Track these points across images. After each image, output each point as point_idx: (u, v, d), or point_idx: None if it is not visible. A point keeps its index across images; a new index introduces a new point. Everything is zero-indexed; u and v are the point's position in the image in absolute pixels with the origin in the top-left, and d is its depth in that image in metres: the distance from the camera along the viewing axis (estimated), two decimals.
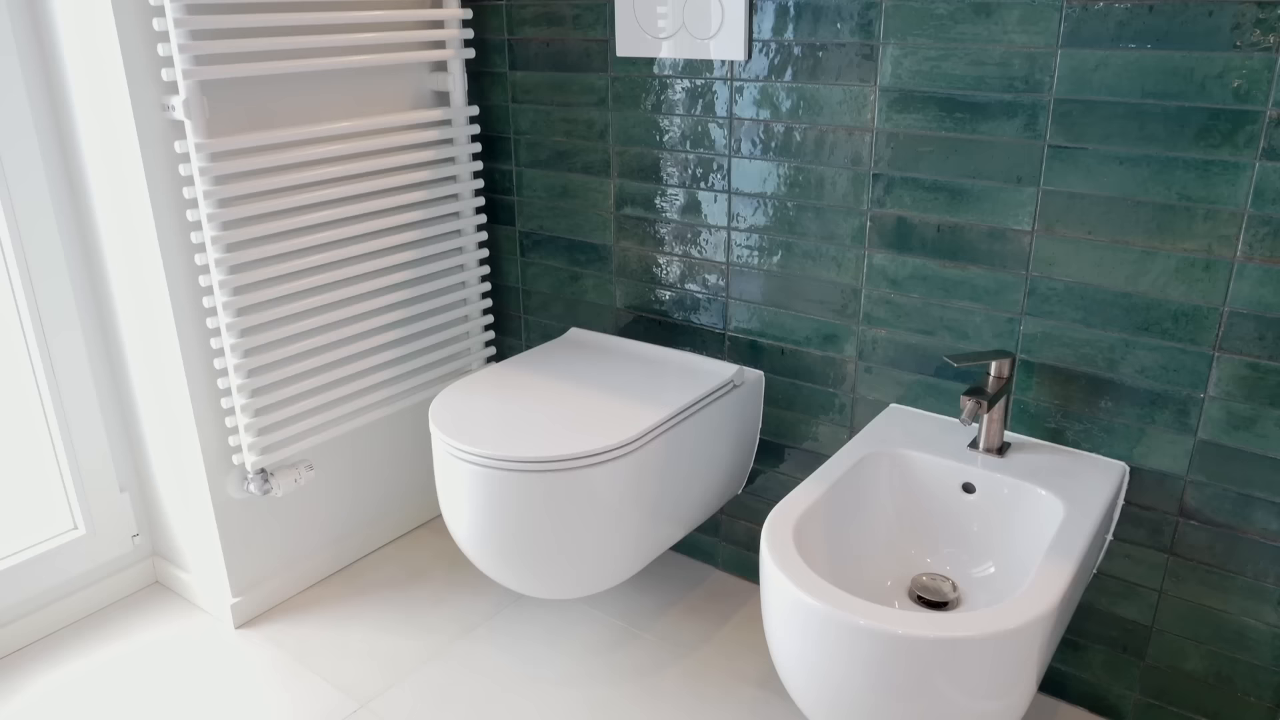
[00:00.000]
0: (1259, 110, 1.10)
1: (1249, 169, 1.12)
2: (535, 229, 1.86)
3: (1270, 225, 1.13)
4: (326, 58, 1.54)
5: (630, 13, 1.57)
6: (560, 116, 1.74)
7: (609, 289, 1.79)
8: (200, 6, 1.40)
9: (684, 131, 1.59)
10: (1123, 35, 1.16)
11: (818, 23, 1.40)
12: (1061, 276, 1.30)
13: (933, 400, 1.47)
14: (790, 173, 1.49)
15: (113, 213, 1.52)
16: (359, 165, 1.63)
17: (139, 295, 1.55)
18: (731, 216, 1.58)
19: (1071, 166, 1.24)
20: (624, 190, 1.70)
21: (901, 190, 1.39)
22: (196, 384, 1.56)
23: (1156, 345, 1.25)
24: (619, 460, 1.37)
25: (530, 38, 1.73)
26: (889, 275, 1.45)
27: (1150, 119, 1.17)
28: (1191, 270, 1.20)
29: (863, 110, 1.39)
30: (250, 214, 1.48)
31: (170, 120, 1.43)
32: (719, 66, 1.51)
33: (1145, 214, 1.21)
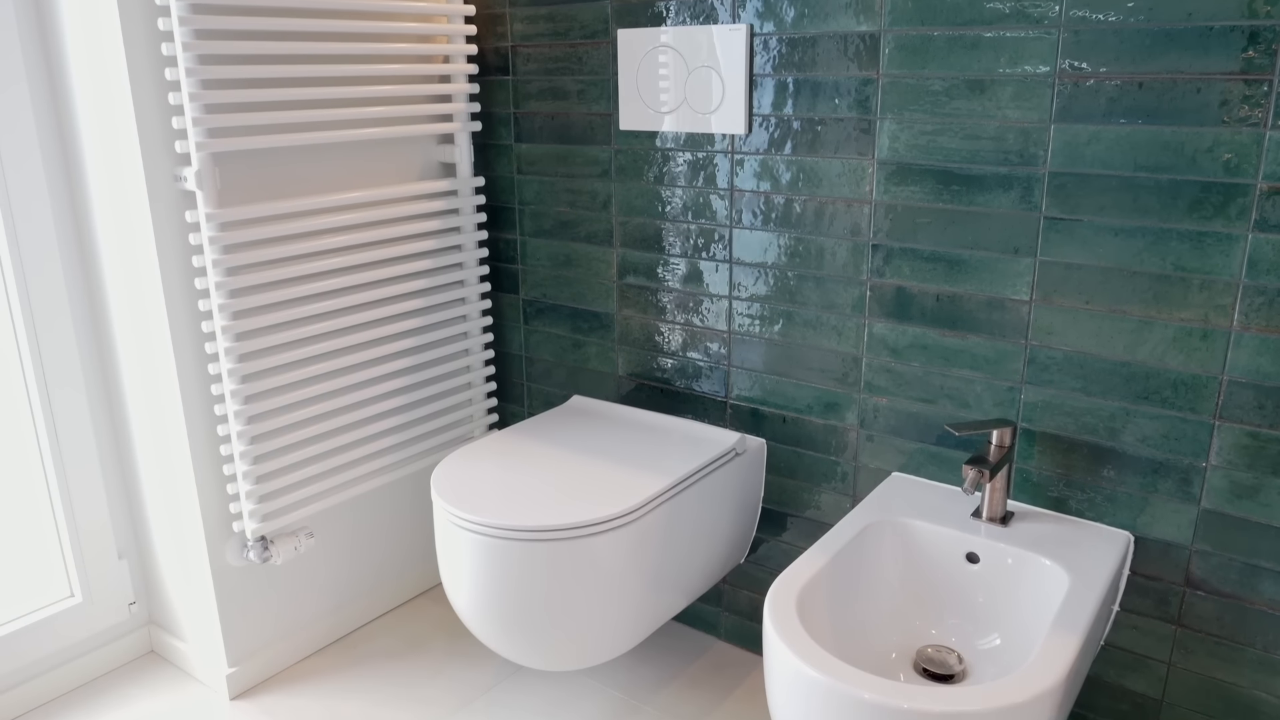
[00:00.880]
0: (1249, 183, 1.12)
1: (1242, 240, 1.14)
2: (539, 297, 1.88)
3: (1265, 295, 1.14)
4: (336, 130, 1.58)
5: (633, 88, 1.61)
6: (564, 187, 1.77)
7: (611, 357, 1.81)
8: (215, 82, 1.43)
9: (686, 202, 1.62)
10: (1114, 111, 1.19)
11: (816, 98, 1.43)
12: (1060, 346, 1.31)
13: (935, 469, 1.47)
14: (791, 243, 1.52)
15: (121, 279, 1.54)
16: (366, 235, 1.65)
17: (144, 361, 1.56)
18: (733, 286, 1.60)
19: (1067, 237, 1.26)
20: (627, 259, 1.73)
21: (900, 260, 1.41)
22: (199, 449, 1.56)
23: (1157, 414, 1.25)
24: (621, 529, 1.37)
25: (535, 111, 1.77)
26: (889, 344, 1.46)
27: (1143, 191, 1.20)
28: (1189, 340, 1.21)
29: (861, 182, 1.42)
30: (257, 282, 1.50)
31: (182, 190, 1.46)
32: (720, 140, 1.55)
33: (1141, 284, 1.22)
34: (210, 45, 1.37)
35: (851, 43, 1.38)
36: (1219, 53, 1.11)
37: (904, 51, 1.33)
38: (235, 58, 1.46)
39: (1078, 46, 1.20)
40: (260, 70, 1.44)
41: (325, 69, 1.53)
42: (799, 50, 1.43)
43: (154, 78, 1.40)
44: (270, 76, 1.46)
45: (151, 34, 1.38)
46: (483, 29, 1.79)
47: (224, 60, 1.44)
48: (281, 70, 1.47)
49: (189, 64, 1.36)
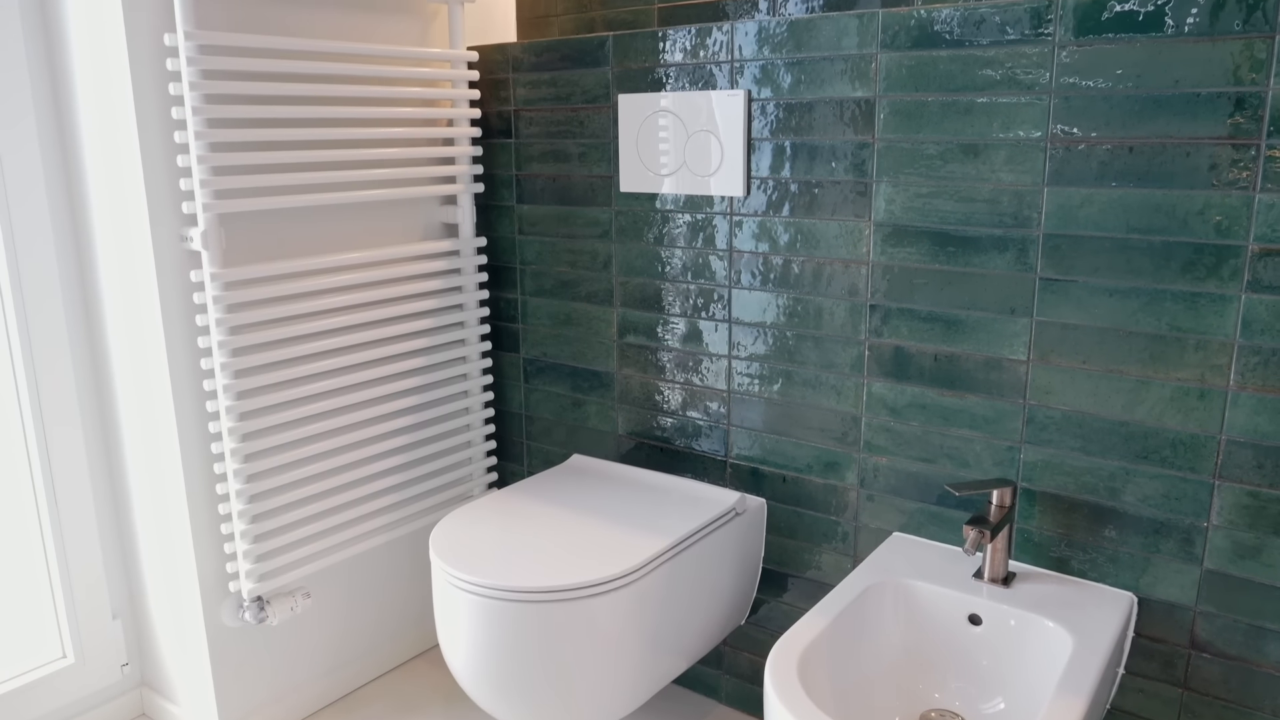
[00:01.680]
0: (1241, 245, 1.14)
1: (1235, 301, 1.15)
2: (539, 356, 1.89)
3: (1260, 355, 1.15)
4: (341, 192, 1.61)
5: (633, 151, 1.64)
6: (565, 248, 1.79)
7: (611, 415, 1.81)
8: (223, 145, 1.46)
9: (685, 263, 1.64)
10: (1106, 174, 1.21)
11: (813, 161, 1.46)
12: (1059, 405, 1.31)
13: (936, 529, 1.46)
14: (789, 303, 1.53)
15: (125, 337, 1.55)
16: (368, 294, 1.67)
17: (145, 419, 1.56)
18: (732, 345, 1.61)
19: (1063, 298, 1.28)
20: (626, 319, 1.74)
21: (898, 320, 1.42)
22: (197, 507, 1.55)
23: (1157, 473, 1.25)
24: (620, 590, 1.36)
25: (537, 173, 1.80)
26: (888, 403, 1.46)
27: (1137, 253, 1.21)
28: (1186, 399, 1.21)
29: (858, 244, 1.44)
30: (259, 341, 1.51)
31: (187, 250, 1.48)
32: (719, 202, 1.57)
33: (1138, 344, 1.23)
34: (218, 109, 1.40)
35: (847, 108, 1.41)
36: (1206, 118, 1.14)
37: (899, 116, 1.36)
38: (243, 121, 1.48)
39: (1068, 112, 1.23)
40: (267, 134, 1.47)
41: (331, 132, 1.56)
42: (796, 115, 1.46)
43: (163, 140, 1.42)
44: (277, 139, 1.49)
45: (162, 97, 1.41)
46: (486, 93, 1.83)
47: (232, 124, 1.47)
48: (288, 133, 1.50)
49: (198, 127, 1.39)
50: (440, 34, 1.80)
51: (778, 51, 1.46)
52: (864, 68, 1.38)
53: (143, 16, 1.37)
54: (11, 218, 1.50)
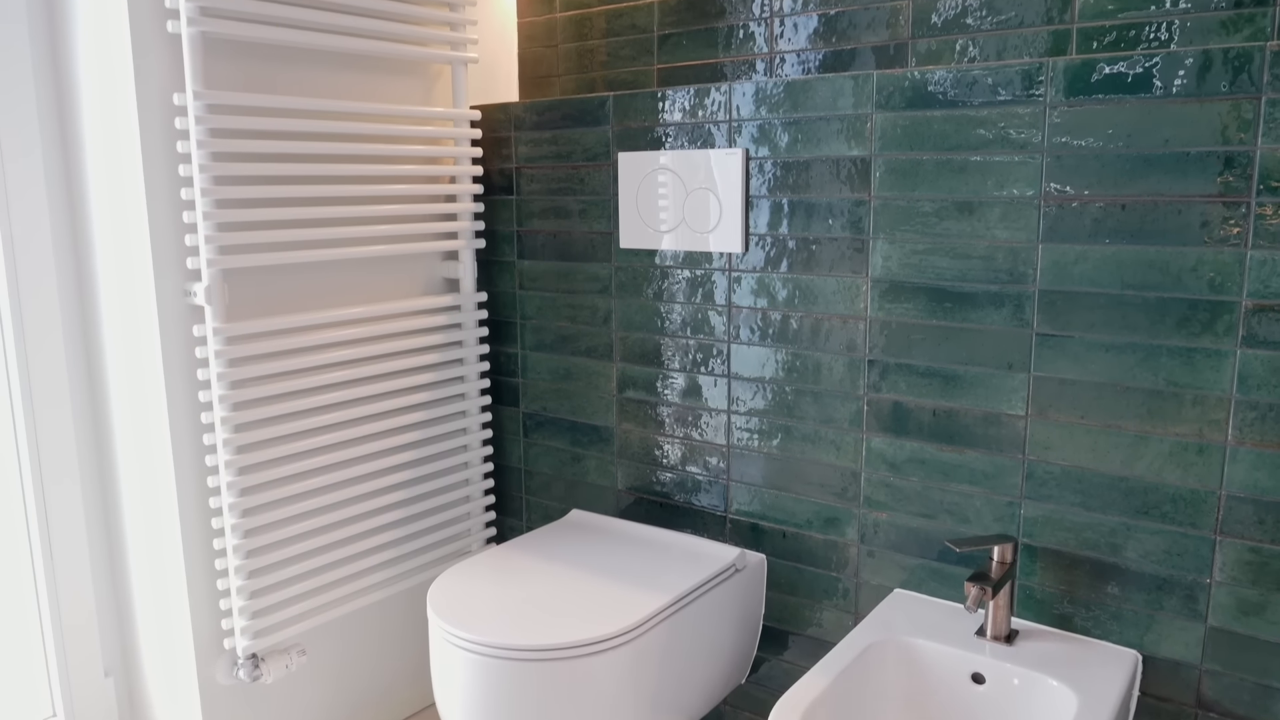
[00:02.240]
0: (1234, 300, 1.15)
1: (1231, 356, 1.16)
2: (539, 410, 1.90)
3: (1257, 410, 1.15)
4: (345, 248, 1.62)
5: (633, 208, 1.66)
6: (565, 303, 1.81)
7: (610, 470, 1.81)
8: (229, 201, 1.48)
9: (684, 318, 1.65)
10: (1099, 231, 1.23)
11: (810, 218, 1.47)
12: (1058, 460, 1.31)
13: (937, 585, 1.45)
14: (788, 358, 1.54)
15: (126, 390, 1.55)
16: (370, 348, 1.68)
17: (144, 473, 1.56)
18: (731, 400, 1.62)
19: (1060, 353, 1.28)
20: (626, 374, 1.75)
21: (896, 376, 1.43)
22: (193, 562, 1.54)
23: (1158, 529, 1.25)
24: (619, 649, 1.34)
25: (538, 229, 1.82)
26: (887, 459, 1.46)
27: (1132, 308, 1.22)
28: (1185, 454, 1.21)
29: (856, 300, 1.45)
30: (260, 395, 1.51)
31: (191, 305, 1.49)
32: (718, 258, 1.59)
33: (1135, 399, 1.24)
34: (225, 167, 1.42)
35: (844, 166, 1.43)
36: (1197, 176, 1.16)
37: (894, 175, 1.38)
38: (249, 178, 1.51)
39: (1061, 170, 1.25)
40: (273, 190, 1.49)
41: (336, 189, 1.58)
42: (793, 173, 1.48)
43: (169, 195, 1.44)
44: (283, 196, 1.51)
45: (169, 154, 1.44)
46: (489, 151, 1.86)
47: (238, 180, 1.49)
48: (294, 190, 1.52)
49: (204, 184, 1.41)
50: (444, 93, 1.84)
51: (775, 111, 1.49)
52: (859, 127, 1.40)
53: (153, 76, 1.40)
54: (18, 268, 1.52)
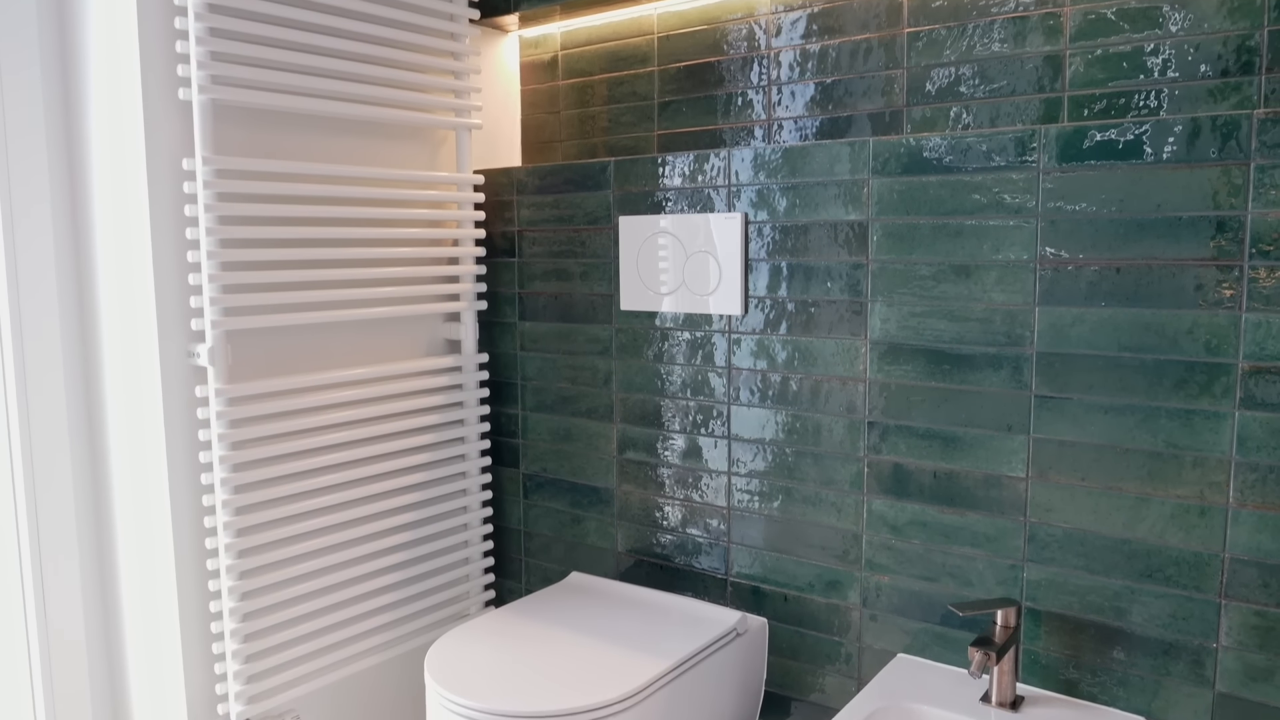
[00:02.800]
0: (1231, 363, 1.16)
1: (1229, 418, 1.17)
2: (539, 471, 1.89)
3: (1258, 472, 1.15)
4: (348, 309, 1.64)
5: (634, 270, 1.68)
6: (566, 364, 1.82)
7: (610, 532, 1.80)
8: (234, 264, 1.50)
9: (684, 380, 1.65)
10: (1095, 294, 1.24)
11: (809, 281, 1.49)
12: (1060, 523, 1.31)
13: (941, 650, 1.44)
14: (788, 420, 1.54)
15: (127, 451, 1.55)
16: (371, 410, 1.68)
17: (142, 533, 1.55)
18: (732, 462, 1.61)
19: (1058, 415, 1.29)
20: (626, 435, 1.75)
21: (896, 438, 1.43)
22: (189, 624, 1.53)
23: (1162, 593, 1.24)
24: (619, 716, 1.32)
25: (540, 291, 1.83)
26: (889, 521, 1.46)
27: (1129, 371, 1.23)
28: (1187, 516, 1.21)
29: (855, 362, 1.46)
30: (261, 456, 1.51)
31: (193, 365, 1.50)
32: (718, 320, 1.60)
33: (1135, 461, 1.24)
34: (231, 230, 1.45)
35: (841, 230, 1.45)
36: (1189, 240, 1.17)
37: (891, 239, 1.40)
38: (255, 241, 1.53)
39: (1055, 234, 1.26)
40: (278, 253, 1.51)
41: (341, 252, 1.60)
42: (791, 237, 1.50)
43: (176, 257, 1.46)
44: (288, 259, 1.53)
45: (177, 218, 1.46)
46: (491, 214, 1.89)
47: (244, 244, 1.51)
48: (299, 253, 1.54)
49: (211, 246, 1.43)
50: (449, 158, 1.87)
51: (773, 176, 1.51)
52: (856, 192, 1.43)
53: (163, 141, 1.43)
54: (23, 326, 1.53)
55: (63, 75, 1.53)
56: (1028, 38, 1.41)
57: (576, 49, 1.92)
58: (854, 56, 1.57)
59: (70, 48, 1.51)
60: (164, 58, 1.42)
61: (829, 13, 1.59)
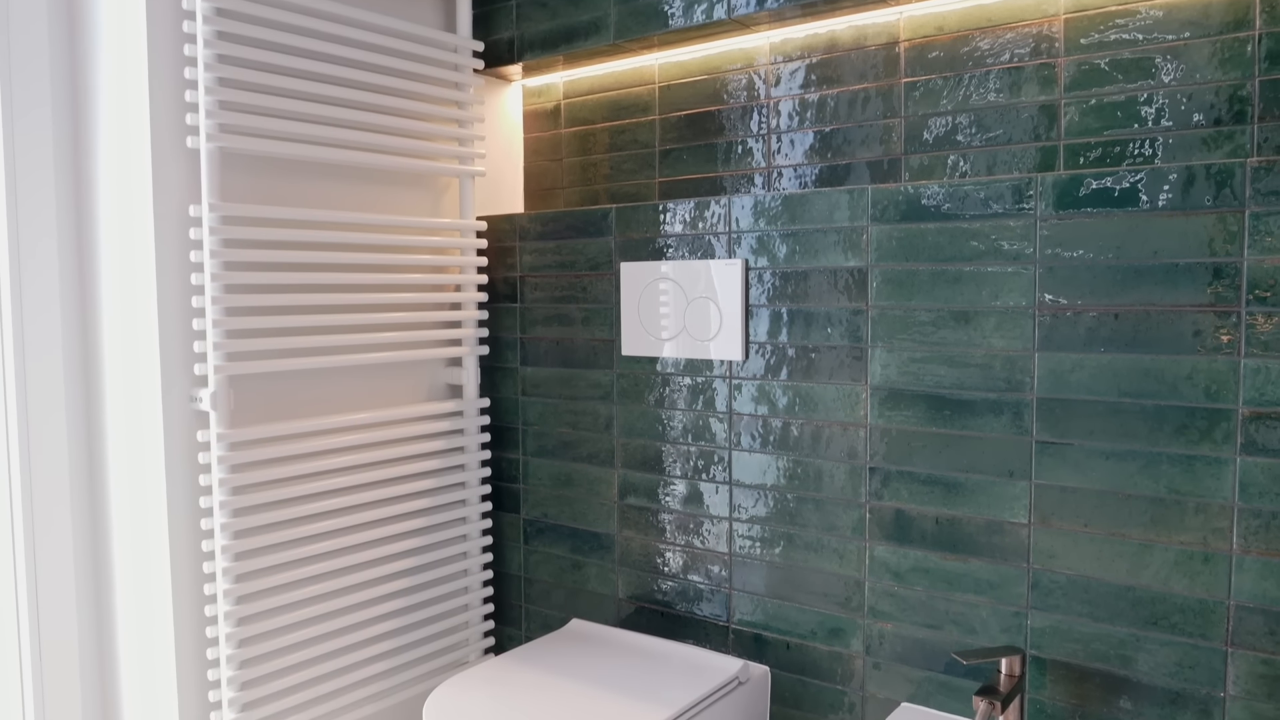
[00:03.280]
0: (1231, 409, 1.16)
1: (1231, 464, 1.16)
2: (539, 516, 1.88)
3: (1261, 518, 1.15)
4: (350, 354, 1.64)
5: (635, 316, 1.69)
6: (567, 409, 1.82)
7: (611, 578, 1.79)
8: (238, 309, 1.51)
9: (686, 425, 1.66)
10: (1094, 340, 1.25)
11: (809, 327, 1.50)
12: (1063, 569, 1.30)
13: (945, 699, 1.42)
14: (789, 465, 1.54)
15: (128, 496, 1.55)
16: (371, 454, 1.68)
17: (140, 580, 1.55)
18: (733, 508, 1.61)
19: (1060, 461, 1.29)
20: (627, 480, 1.74)
21: (898, 483, 1.43)
22: (185, 673, 1.51)
23: (1167, 640, 1.23)
24: None
25: (541, 336, 1.84)
26: (891, 567, 1.45)
27: (1129, 416, 1.23)
28: (1191, 563, 1.20)
29: (855, 407, 1.46)
30: (261, 501, 1.51)
31: (196, 410, 1.50)
32: (718, 365, 1.60)
33: (1138, 507, 1.24)
34: (236, 275, 1.46)
35: (841, 277, 1.46)
36: (1187, 286, 1.18)
37: (890, 285, 1.41)
38: (259, 287, 1.54)
39: (1054, 281, 1.27)
40: (282, 299, 1.52)
41: (344, 297, 1.61)
42: (792, 283, 1.51)
43: (180, 303, 1.47)
44: (292, 304, 1.54)
45: (182, 264, 1.47)
46: (494, 260, 1.90)
47: (248, 289, 1.53)
48: (303, 299, 1.55)
49: (215, 292, 1.44)
50: (452, 204, 1.89)
51: (773, 223, 1.53)
52: (856, 239, 1.44)
53: (170, 188, 1.45)
54: (27, 372, 1.54)
55: (73, 123, 1.55)
56: (1023, 88, 1.43)
57: (579, 98, 1.95)
58: (852, 106, 1.59)
59: (81, 93, 1.54)
60: (173, 106, 1.45)
61: (827, 63, 1.62)
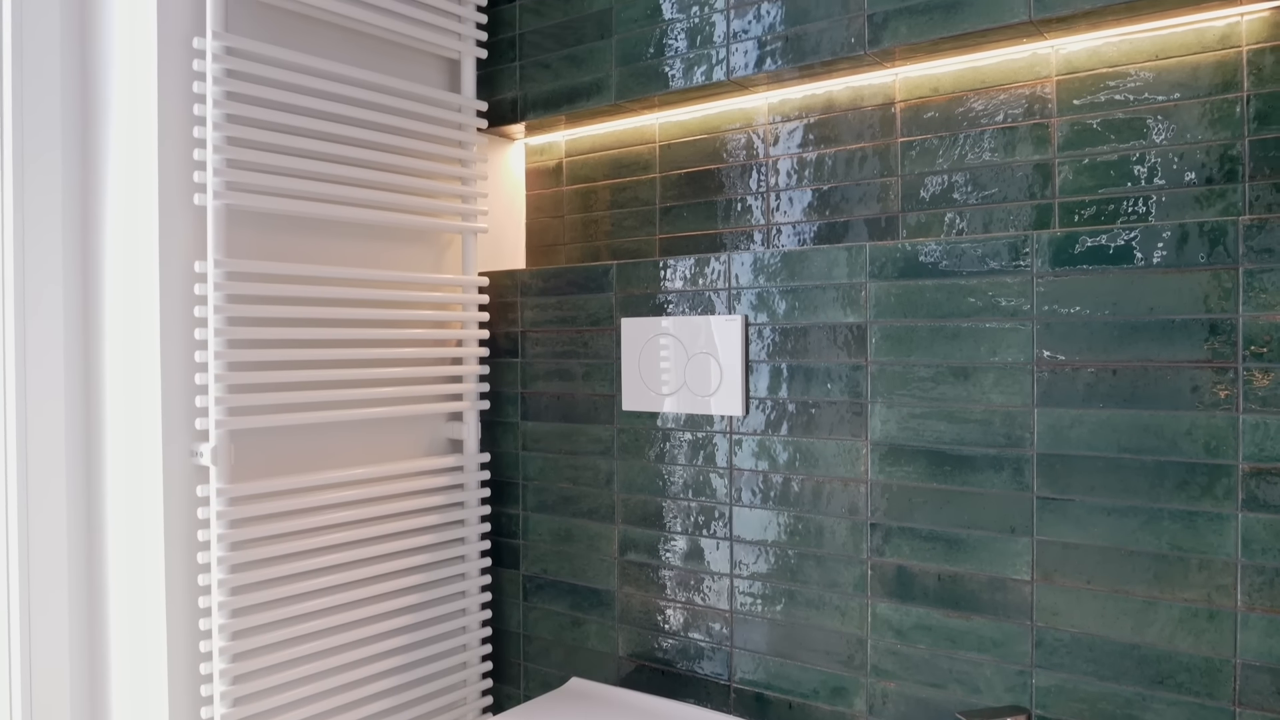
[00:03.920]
0: (1231, 464, 1.16)
1: (1233, 520, 1.16)
2: (539, 573, 1.87)
3: (1265, 575, 1.14)
4: (352, 409, 1.65)
5: (635, 371, 1.69)
6: (567, 464, 1.82)
7: (611, 636, 1.77)
8: (240, 364, 1.52)
9: (686, 480, 1.65)
10: (1093, 396, 1.25)
11: (809, 383, 1.50)
12: (1067, 627, 1.29)
13: None
14: (790, 521, 1.53)
15: (125, 552, 1.54)
16: (371, 509, 1.67)
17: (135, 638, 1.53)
18: (734, 564, 1.60)
19: (1061, 517, 1.28)
20: (627, 536, 1.74)
21: (899, 539, 1.42)
22: None
23: (1174, 700, 1.21)
24: None
25: (542, 391, 1.85)
26: (893, 625, 1.43)
27: (1130, 472, 1.23)
28: (1195, 621, 1.19)
29: (856, 463, 1.46)
30: (259, 557, 1.50)
31: (196, 465, 1.50)
32: (719, 421, 1.61)
33: (1141, 563, 1.23)
34: (239, 331, 1.47)
35: (840, 332, 1.47)
36: (1183, 343, 1.19)
37: (889, 341, 1.42)
38: (262, 341, 1.55)
39: (1051, 337, 1.28)
40: (285, 353, 1.53)
41: (346, 352, 1.62)
42: (791, 339, 1.52)
43: (183, 358, 1.48)
44: (294, 359, 1.55)
45: (186, 318, 1.48)
46: (495, 315, 1.92)
47: (251, 344, 1.53)
48: (305, 354, 1.56)
49: (218, 347, 1.45)
50: (454, 260, 1.91)
51: (772, 280, 1.54)
52: (854, 295, 1.45)
53: (176, 245, 1.47)
54: (28, 423, 1.54)
55: (82, 171, 1.57)
56: (1017, 147, 1.45)
57: (581, 156, 1.98)
58: (849, 164, 1.62)
59: (91, 148, 1.56)
60: (181, 165, 1.47)
61: (824, 123, 1.65)
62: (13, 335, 1.52)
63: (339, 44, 1.70)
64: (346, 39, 1.71)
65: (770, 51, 1.58)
